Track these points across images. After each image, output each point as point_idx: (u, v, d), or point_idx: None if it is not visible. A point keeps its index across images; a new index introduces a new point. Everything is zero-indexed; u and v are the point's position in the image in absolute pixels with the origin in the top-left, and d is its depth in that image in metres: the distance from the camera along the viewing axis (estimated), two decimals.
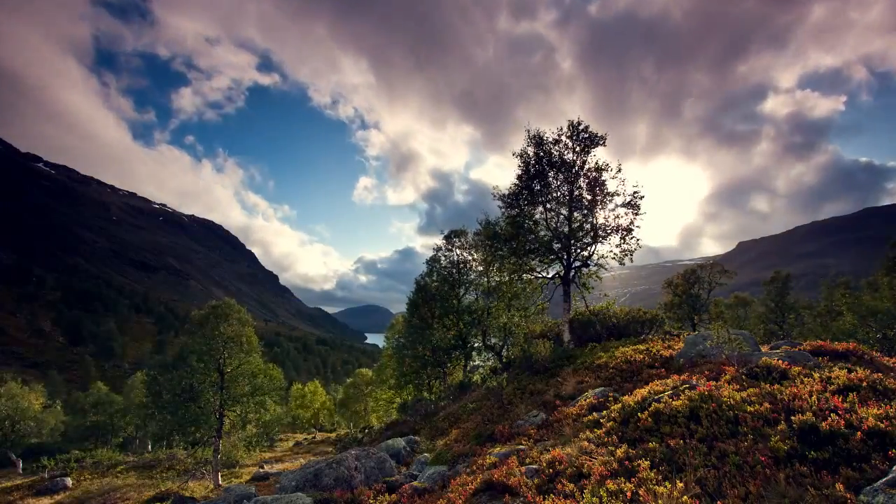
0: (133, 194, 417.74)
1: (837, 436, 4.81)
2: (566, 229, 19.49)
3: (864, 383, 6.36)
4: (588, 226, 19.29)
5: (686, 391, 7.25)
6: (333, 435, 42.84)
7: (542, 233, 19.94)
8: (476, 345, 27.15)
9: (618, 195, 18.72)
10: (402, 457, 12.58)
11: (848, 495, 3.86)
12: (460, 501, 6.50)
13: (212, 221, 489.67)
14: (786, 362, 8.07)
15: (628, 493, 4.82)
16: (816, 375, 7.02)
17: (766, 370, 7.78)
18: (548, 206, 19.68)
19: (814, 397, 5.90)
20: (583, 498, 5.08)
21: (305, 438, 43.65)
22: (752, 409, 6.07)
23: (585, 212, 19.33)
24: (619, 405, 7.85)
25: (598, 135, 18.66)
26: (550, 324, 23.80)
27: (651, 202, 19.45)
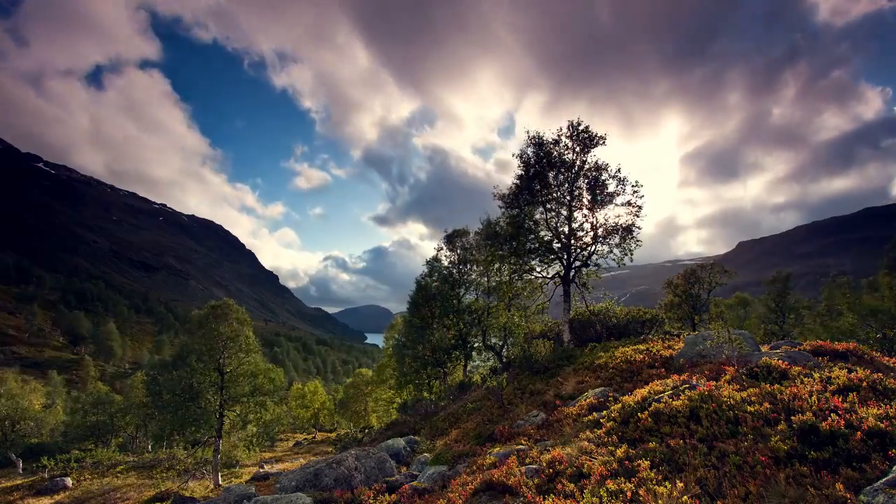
0: (133, 194, 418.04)
1: (837, 436, 4.81)
2: (566, 229, 19.50)
3: (864, 383, 6.36)
4: (588, 225, 19.31)
5: (686, 391, 7.25)
6: (333, 435, 42.86)
7: (543, 233, 19.95)
8: (476, 345, 27.15)
9: (618, 195, 18.75)
10: (402, 457, 12.57)
11: (848, 495, 3.86)
12: (460, 501, 6.50)
13: (212, 221, 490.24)
14: (786, 362, 8.07)
15: (628, 493, 4.82)
16: (816, 375, 7.02)
17: (766, 370, 7.78)
18: (548, 205, 19.69)
19: (814, 397, 5.90)
20: (583, 498, 5.07)
21: (305, 438, 43.67)
22: (752, 409, 6.07)
23: (585, 212, 19.35)
24: (619, 405, 7.85)
25: (598, 135, 18.70)
26: (550, 324, 23.80)
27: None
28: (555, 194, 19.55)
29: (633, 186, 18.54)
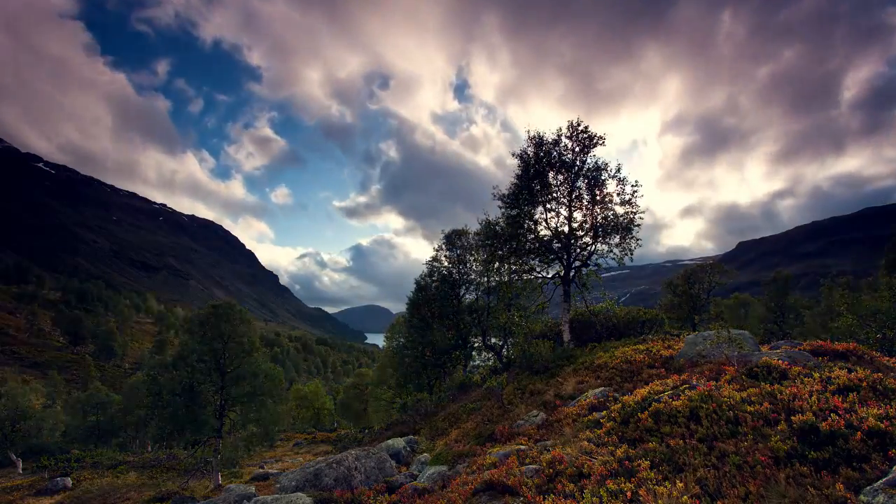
0: (133, 194, 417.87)
1: (837, 436, 4.81)
2: (566, 229, 19.50)
3: (864, 383, 6.35)
4: (588, 225, 19.31)
5: (686, 391, 7.25)
6: (333, 435, 42.85)
7: (542, 233, 19.96)
8: (476, 345, 27.14)
9: (617, 194, 18.76)
10: (402, 457, 12.57)
11: (848, 495, 3.86)
12: (460, 501, 6.50)
13: (212, 221, 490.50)
14: (786, 362, 8.07)
15: (628, 493, 4.83)
16: (816, 375, 7.02)
17: (766, 370, 7.78)
18: (548, 205, 19.69)
19: (814, 397, 5.90)
20: (583, 498, 5.08)
21: (305, 438, 43.67)
22: (752, 409, 6.07)
23: (585, 212, 19.35)
24: (619, 405, 7.85)
25: (598, 135, 18.70)
26: (550, 324, 23.80)
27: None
28: (554, 194, 19.55)
29: (632, 186, 18.57)
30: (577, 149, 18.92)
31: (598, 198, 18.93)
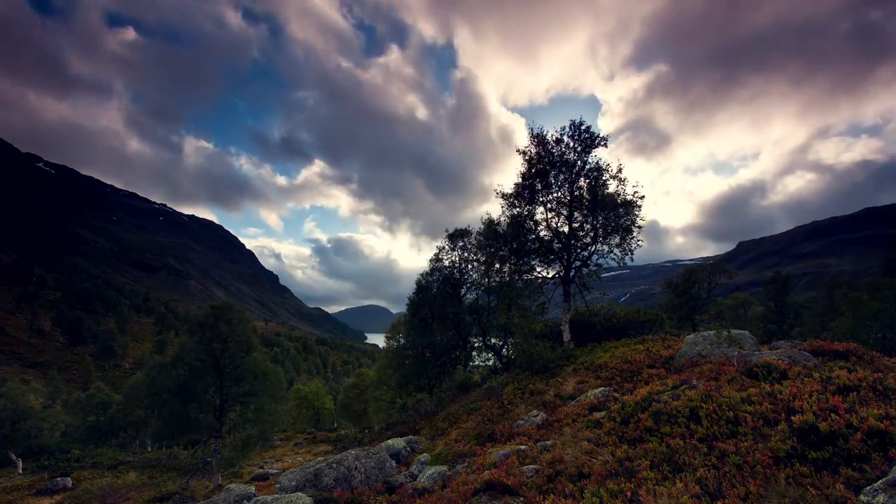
0: (133, 194, 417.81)
1: (837, 436, 4.80)
2: (566, 229, 19.51)
3: (865, 383, 6.35)
4: (588, 226, 19.31)
5: (686, 391, 7.26)
6: (333, 435, 42.89)
7: (543, 233, 19.98)
8: (476, 345, 27.15)
9: (618, 195, 18.76)
10: (402, 457, 12.57)
11: (848, 495, 3.86)
12: (460, 501, 6.50)
13: (212, 221, 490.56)
14: (786, 362, 8.08)
15: (628, 493, 4.83)
16: (816, 375, 7.02)
17: (766, 370, 7.78)
18: (549, 205, 19.70)
19: (814, 397, 5.89)
20: (583, 498, 5.08)
21: (305, 438, 43.69)
22: (751, 408, 6.07)
23: (586, 212, 19.35)
24: (620, 405, 7.86)
25: (599, 135, 18.71)
26: (550, 324, 23.82)
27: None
28: (556, 194, 19.58)
29: (633, 186, 18.59)
30: (578, 148, 18.94)
31: (598, 198, 18.95)
